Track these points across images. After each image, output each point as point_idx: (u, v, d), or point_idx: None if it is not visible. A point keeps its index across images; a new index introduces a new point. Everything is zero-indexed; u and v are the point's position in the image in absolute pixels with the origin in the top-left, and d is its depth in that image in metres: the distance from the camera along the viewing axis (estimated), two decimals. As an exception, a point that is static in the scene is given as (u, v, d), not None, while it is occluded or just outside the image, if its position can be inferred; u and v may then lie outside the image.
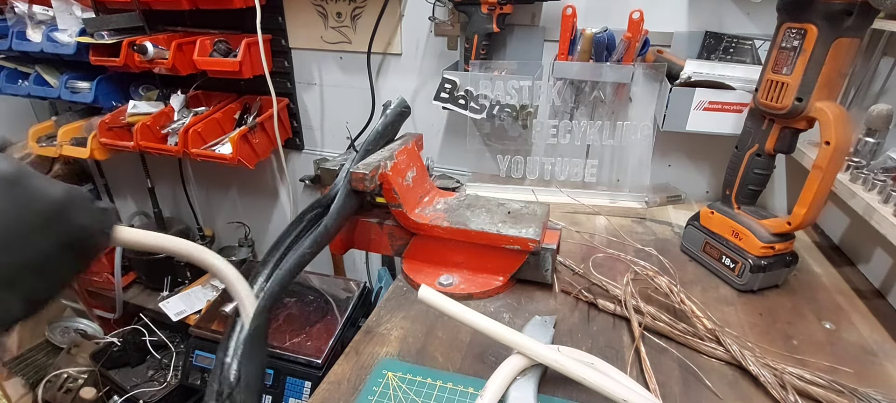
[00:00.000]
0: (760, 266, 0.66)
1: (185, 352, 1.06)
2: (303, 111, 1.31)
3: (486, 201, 0.73)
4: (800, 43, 0.57)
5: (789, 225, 0.64)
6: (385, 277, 1.27)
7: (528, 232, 0.64)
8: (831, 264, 0.77)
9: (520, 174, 1.04)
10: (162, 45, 1.10)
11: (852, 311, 0.66)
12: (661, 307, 0.61)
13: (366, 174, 0.60)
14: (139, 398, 1.23)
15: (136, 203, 1.71)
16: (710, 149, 0.98)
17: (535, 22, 0.99)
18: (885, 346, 0.59)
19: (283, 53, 1.22)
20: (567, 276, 0.69)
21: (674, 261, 0.66)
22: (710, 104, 0.81)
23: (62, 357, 1.41)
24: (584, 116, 0.97)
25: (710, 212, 0.73)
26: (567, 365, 0.48)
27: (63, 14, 1.15)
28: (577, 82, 0.94)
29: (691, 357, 0.56)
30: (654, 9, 0.87)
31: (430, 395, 0.51)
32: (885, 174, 0.66)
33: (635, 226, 0.87)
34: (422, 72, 1.13)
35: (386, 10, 1.06)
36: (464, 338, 0.59)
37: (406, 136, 0.76)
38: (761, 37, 0.86)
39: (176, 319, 1.33)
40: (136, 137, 1.17)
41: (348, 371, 0.56)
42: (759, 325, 0.62)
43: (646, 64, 0.89)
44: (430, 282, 0.67)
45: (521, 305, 0.66)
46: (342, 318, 0.99)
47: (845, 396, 0.49)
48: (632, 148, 0.95)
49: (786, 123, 0.63)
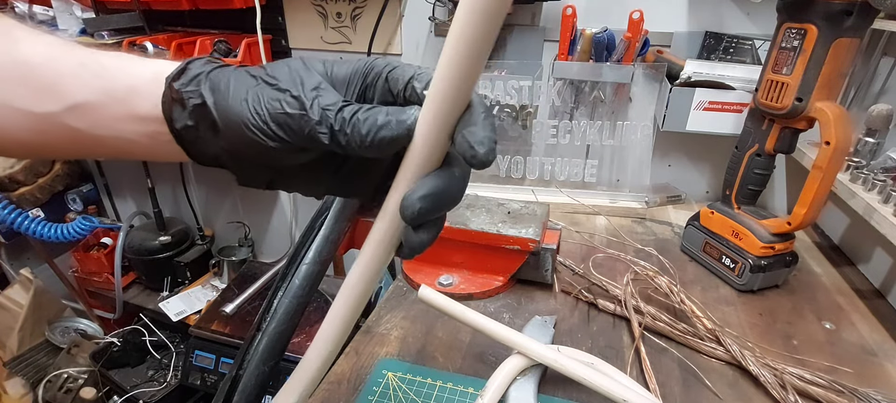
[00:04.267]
0: (760, 266, 0.66)
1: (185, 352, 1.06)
2: (303, 111, 1.31)
3: (485, 201, 0.73)
4: (800, 43, 0.57)
5: (789, 226, 0.64)
6: (385, 277, 1.27)
7: (528, 232, 0.64)
8: (831, 264, 0.77)
9: (520, 174, 1.04)
10: (162, 45, 1.10)
11: (852, 311, 0.66)
12: (661, 307, 0.61)
13: (366, 174, 0.60)
14: (139, 398, 1.23)
15: (136, 203, 1.71)
16: (710, 149, 0.98)
17: (535, 22, 0.99)
18: (885, 346, 0.59)
19: (284, 53, 1.22)
20: (567, 276, 0.69)
21: (674, 261, 0.66)
22: (710, 104, 0.81)
23: (62, 357, 1.41)
24: (584, 116, 0.97)
25: (710, 212, 0.73)
26: (567, 365, 0.48)
27: (63, 14, 1.15)
28: (577, 82, 0.94)
29: (691, 357, 0.56)
30: (654, 9, 0.87)
31: (430, 395, 0.51)
32: (885, 174, 0.66)
33: (635, 226, 0.87)
34: (422, 72, 1.13)
35: (386, 10, 1.06)
36: (464, 338, 0.59)
37: (406, 136, 0.76)
38: (761, 37, 0.86)
39: (176, 319, 1.33)
40: (136, 137, 1.17)
41: (348, 371, 0.56)
42: (759, 325, 0.62)
43: (646, 64, 0.89)
44: (430, 282, 0.67)
45: (521, 305, 0.66)
46: (342, 318, 0.99)
47: (845, 396, 0.49)
48: (632, 148, 0.95)
49: (786, 123, 0.63)
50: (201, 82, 0.28)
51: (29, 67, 0.29)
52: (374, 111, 0.26)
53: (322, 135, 0.26)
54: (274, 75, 0.27)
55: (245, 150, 0.28)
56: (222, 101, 0.27)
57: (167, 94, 0.28)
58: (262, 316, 0.51)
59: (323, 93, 0.26)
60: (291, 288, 0.51)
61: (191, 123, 0.28)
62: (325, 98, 0.26)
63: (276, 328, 0.48)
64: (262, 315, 0.51)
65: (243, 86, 0.27)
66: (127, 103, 0.29)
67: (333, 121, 0.26)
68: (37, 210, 1.47)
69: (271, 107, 0.26)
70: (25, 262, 1.56)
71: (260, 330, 0.50)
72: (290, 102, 0.26)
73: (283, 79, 0.27)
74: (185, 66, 0.29)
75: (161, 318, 1.37)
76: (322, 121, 0.26)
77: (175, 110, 0.29)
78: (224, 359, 1.02)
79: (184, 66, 0.29)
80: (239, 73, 0.28)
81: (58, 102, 0.29)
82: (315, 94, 0.26)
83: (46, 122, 0.29)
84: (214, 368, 1.02)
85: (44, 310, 1.49)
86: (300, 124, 0.26)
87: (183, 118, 0.28)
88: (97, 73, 0.29)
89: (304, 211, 1.47)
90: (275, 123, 0.26)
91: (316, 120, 0.26)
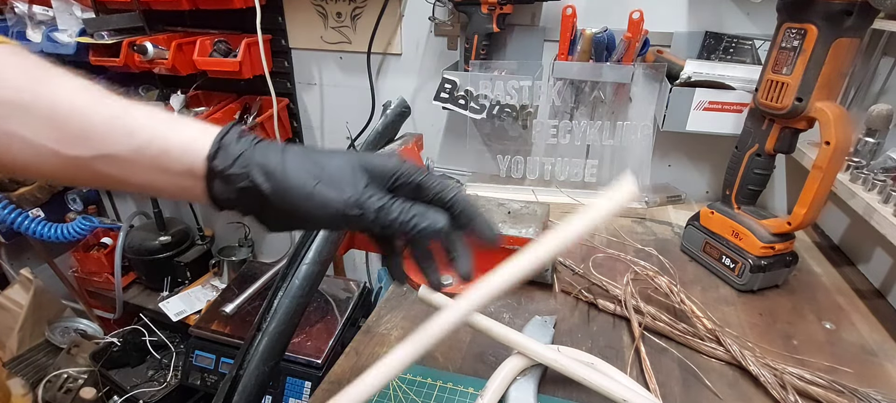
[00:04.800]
0: (760, 266, 0.66)
1: (185, 352, 1.05)
2: (303, 111, 1.31)
3: (486, 201, 0.73)
4: (800, 43, 0.57)
5: (789, 226, 0.64)
6: (385, 277, 1.26)
7: (529, 232, 0.64)
8: (831, 264, 0.77)
9: (520, 174, 1.04)
10: (162, 45, 1.10)
11: (852, 311, 0.66)
12: (661, 307, 0.61)
13: (366, 174, 0.60)
14: (139, 398, 1.23)
15: (136, 203, 1.71)
16: (710, 149, 0.98)
17: (535, 22, 0.99)
18: (885, 346, 0.59)
19: (283, 53, 1.22)
20: (567, 276, 0.69)
21: (674, 261, 0.66)
22: (710, 104, 0.81)
23: (62, 357, 1.41)
24: (584, 116, 0.97)
25: (710, 212, 0.73)
26: (567, 365, 0.48)
27: (63, 14, 1.15)
28: (577, 82, 0.94)
29: (691, 357, 0.56)
30: (654, 9, 0.87)
31: (430, 395, 0.51)
32: (885, 174, 0.66)
33: (635, 226, 0.87)
34: (422, 72, 1.13)
35: (386, 10, 1.06)
36: (464, 338, 0.59)
37: (406, 136, 0.76)
38: (761, 37, 0.86)
39: (176, 319, 1.33)
40: (136, 137, 1.17)
41: (348, 371, 0.56)
42: (759, 325, 0.62)
43: (646, 64, 0.89)
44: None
45: (521, 305, 0.66)
46: (342, 318, 0.99)
47: (845, 396, 0.49)
48: (632, 148, 0.95)
49: (786, 123, 0.63)
50: (250, 166, 0.32)
51: (62, 113, 0.31)
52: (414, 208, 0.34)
53: (373, 228, 0.33)
54: (331, 173, 0.33)
55: (297, 223, 0.35)
56: (280, 189, 0.32)
57: (208, 170, 0.32)
58: (263, 315, 0.51)
59: (375, 195, 0.33)
60: (291, 289, 0.51)
61: (232, 197, 0.33)
62: (374, 201, 0.33)
63: (276, 328, 0.48)
64: (263, 315, 0.51)
65: (303, 175, 0.33)
66: (158, 162, 0.32)
67: (385, 221, 0.33)
68: (37, 210, 1.47)
69: (337, 207, 0.32)
70: (25, 262, 1.56)
71: (260, 330, 0.50)
72: (350, 205, 0.32)
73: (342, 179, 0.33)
74: (220, 142, 0.32)
75: (161, 318, 1.37)
76: (376, 221, 0.33)
77: (216, 185, 0.32)
78: (224, 359, 1.02)
79: (218, 142, 0.32)
80: (293, 158, 0.33)
81: (88, 150, 0.31)
82: (368, 196, 0.33)
83: (75, 164, 0.31)
84: (214, 368, 1.02)
85: (44, 310, 1.49)
86: (359, 221, 0.33)
87: (226, 192, 0.33)
88: (130, 131, 0.31)
89: (304, 211, 1.46)
90: (339, 216, 0.33)
91: (371, 219, 0.33)
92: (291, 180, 0.32)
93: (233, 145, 0.32)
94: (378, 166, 0.35)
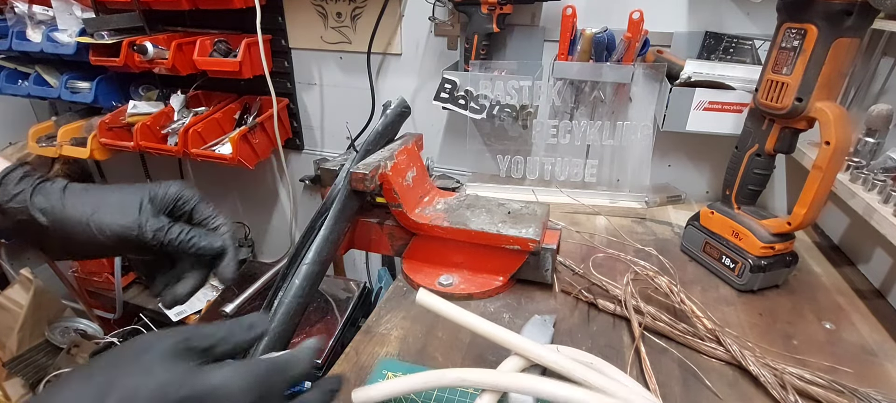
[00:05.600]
0: (760, 266, 0.66)
1: (185, 352, 1.06)
2: (303, 111, 1.31)
3: (486, 201, 0.73)
4: (800, 43, 0.57)
5: (789, 226, 0.64)
6: (385, 277, 1.27)
7: (528, 232, 0.64)
8: (831, 264, 0.77)
9: (520, 174, 1.04)
10: (162, 45, 1.10)
11: (852, 311, 0.66)
12: (661, 307, 0.61)
13: (366, 174, 0.60)
14: (139, 398, 1.23)
15: (136, 203, 1.71)
16: (710, 149, 0.98)
17: (535, 22, 0.99)
18: (885, 346, 0.59)
19: (283, 53, 1.22)
20: (567, 276, 0.69)
21: (674, 261, 0.66)
22: (710, 104, 0.81)
23: (62, 357, 1.41)
24: (584, 116, 0.97)
25: (710, 212, 0.73)
26: (566, 365, 0.48)
27: (63, 14, 1.15)
28: (577, 82, 0.94)
29: (691, 357, 0.56)
30: (654, 9, 0.87)
31: (430, 395, 0.51)
32: (885, 174, 0.66)
33: (635, 226, 0.87)
34: (422, 72, 1.13)
35: (386, 10, 1.06)
36: (464, 338, 0.59)
37: (406, 136, 0.76)
38: (761, 37, 0.86)
39: (176, 319, 1.33)
40: (136, 137, 1.18)
41: (348, 371, 0.56)
42: (759, 325, 0.62)
43: (646, 64, 0.89)
44: (430, 282, 0.67)
45: (521, 305, 0.66)
46: (342, 318, 0.99)
47: (845, 396, 0.49)
48: (632, 148, 0.95)
49: (786, 123, 0.63)
50: (27, 202, 0.37)
51: None
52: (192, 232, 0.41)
53: (153, 247, 0.40)
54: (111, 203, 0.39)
55: (77, 249, 0.40)
56: (57, 221, 0.37)
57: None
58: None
59: (152, 219, 0.40)
60: (291, 288, 0.51)
61: (10, 228, 0.38)
62: (153, 223, 0.40)
63: (276, 328, 0.48)
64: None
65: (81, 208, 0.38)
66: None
67: (163, 239, 0.40)
68: (37, 210, 1.47)
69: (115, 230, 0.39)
70: (25, 262, 1.56)
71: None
72: (129, 228, 0.39)
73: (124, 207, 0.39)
74: (2, 180, 0.37)
75: (161, 318, 1.37)
76: (154, 239, 0.39)
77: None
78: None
79: (0, 179, 0.37)
80: (73, 194, 0.39)
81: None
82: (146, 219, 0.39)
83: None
84: (214, 368, 1.02)
85: (44, 310, 1.49)
86: (138, 241, 0.39)
87: (3, 223, 0.37)
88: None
89: (304, 211, 1.47)
90: (118, 239, 0.38)
91: (149, 238, 0.39)
92: (68, 212, 0.38)
93: (12, 184, 0.37)
94: (159, 194, 0.41)
